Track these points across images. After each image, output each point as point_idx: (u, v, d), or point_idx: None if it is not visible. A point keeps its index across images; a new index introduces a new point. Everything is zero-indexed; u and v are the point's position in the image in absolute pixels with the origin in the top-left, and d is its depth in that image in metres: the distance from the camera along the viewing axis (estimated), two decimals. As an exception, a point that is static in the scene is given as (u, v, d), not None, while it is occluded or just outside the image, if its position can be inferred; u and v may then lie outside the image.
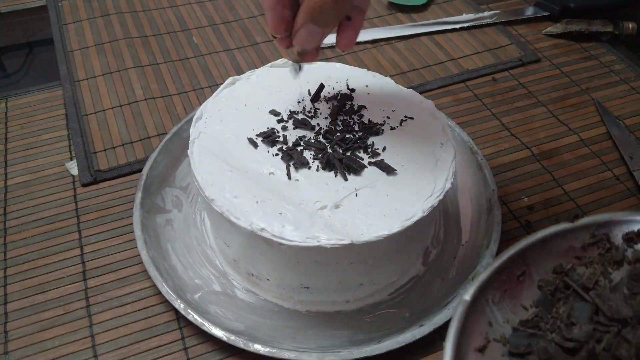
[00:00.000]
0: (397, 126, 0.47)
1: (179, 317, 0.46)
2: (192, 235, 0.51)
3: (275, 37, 0.39)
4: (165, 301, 0.46)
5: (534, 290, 0.36)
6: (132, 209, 0.51)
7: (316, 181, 0.43)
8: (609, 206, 0.55)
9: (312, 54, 0.40)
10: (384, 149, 0.45)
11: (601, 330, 0.33)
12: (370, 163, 0.44)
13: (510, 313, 0.35)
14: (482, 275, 0.35)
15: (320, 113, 0.48)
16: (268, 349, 0.42)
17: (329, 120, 0.47)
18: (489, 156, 0.59)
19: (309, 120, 0.47)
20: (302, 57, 0.41)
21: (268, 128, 0.47)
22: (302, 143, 0.45)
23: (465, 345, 0.32)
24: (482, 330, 0.34)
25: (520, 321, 0.34)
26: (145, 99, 0.64)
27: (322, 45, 0.72)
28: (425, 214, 0.41)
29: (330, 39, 0.74)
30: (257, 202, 0.41)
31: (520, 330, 0.34)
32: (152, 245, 0.49)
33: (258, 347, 0.42)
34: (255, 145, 0.45)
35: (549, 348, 0.32)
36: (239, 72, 0.68)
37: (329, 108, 0.49)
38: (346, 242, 0.39)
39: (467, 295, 0.34)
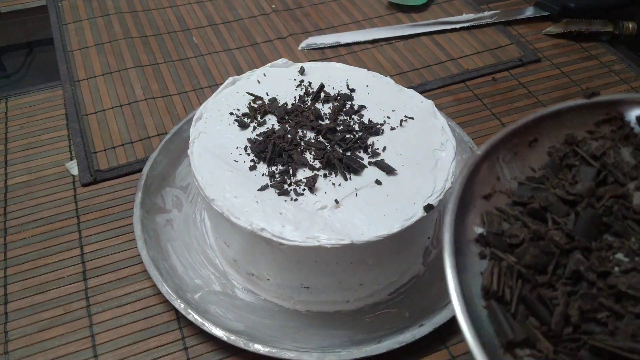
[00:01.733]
0: (397, 126, 0.47)
1: (179, 317, 0.46)
2: (192, 235, 0.51)
3: None
4: (165, 301, 0.46)
5: (543, 157, 0.37)
6: (132, 209, 0.51)
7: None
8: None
9: None
10: (384, 149, 0.45)
11: (603, 189, 0.34)
12: (370, 163, 0.44)
13: (519, 172, 0.36)
14: (495, 136, 0.36)
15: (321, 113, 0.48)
16: (268, 349, 0.42)
17: (329, 120, 0.47)
18: (489, 156, 0.59)
19: (309, 120, 0.47)
20: None
21: (268, 128, 0.47)
22: (302, 143, 0.45)
23: (472, 192, 0.34)
24: (490, 182, 0.35)
25: (527, 177, 0.36)
26: (145, 99, 0.64)
27: (323, 46, 0.72)
28: (425, 214, 0.41)
29: (332, 39, 0.74)
30: (257, 202, 0.41)
31: (526, 184, 0.35)
32: (152, 245, 0.49)
33: (258, 347, 0.42)
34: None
35: (550, 197, 0.34)
36: (239, 72, 0.68)
37: (329, 108, 0.49)
38: (346, 242, 0.39)
39: (479, 151, 0.35)
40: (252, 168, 0.44)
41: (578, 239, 0.31)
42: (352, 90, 0.50)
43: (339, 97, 0.49)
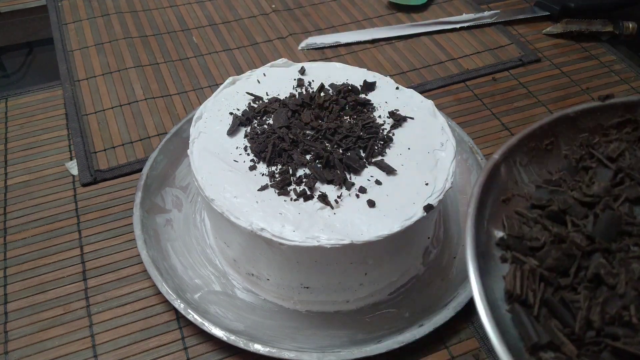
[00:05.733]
0: (397, 126, 0.47)
1: (179, 317, 0.46)
2: (192, 235, 0.51)
3: None
4: (165, 301, 0.46)
5: (560, 160, 0.38)
6: (132, 209, 0.51)
7: (316, 181, 0.43)
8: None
9: None
10: (384, 149, 0.45)
11: (619, 189, 0.34)
12: (370, 163, 0.44)
13: (536, 176, 0.37)
14: (511, 139, 0.37)
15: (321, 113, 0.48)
16: (268, 349, 0.42)
17: (330, 120, 0.47)
18: (489, 156, 0.59)
19: (309, 120, 0.47)
20: None
21: (268, 128, 0.47)
22: (302, 143, 0.45)
23: (491, 196, 0.35)
24: (508, 186, 0.36)
25: (544, 180, 0.36)
26: (145, 99, 0.64)
27: (323, 46, 0.72)
28: (425, 214, 0.41)
29: (331, 38, 0.74)
30: (257, 202, 0.41)
31: (544, 187, 0.36)
32: (152, 245, 0.49)
33: (258, 347, 0.42)
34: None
35: (568, 199, 0.34)
36: (239, 72, 0.68)
37: (329, 108, 0.48)
38: (346, 242, 0.39)
39: (497, 154, 0.36)
40: (252, 168, 0.44)
41: (598, 240, 0.31)
42: (352, 90, 0.50)
43: (339, 97, 0.49)
